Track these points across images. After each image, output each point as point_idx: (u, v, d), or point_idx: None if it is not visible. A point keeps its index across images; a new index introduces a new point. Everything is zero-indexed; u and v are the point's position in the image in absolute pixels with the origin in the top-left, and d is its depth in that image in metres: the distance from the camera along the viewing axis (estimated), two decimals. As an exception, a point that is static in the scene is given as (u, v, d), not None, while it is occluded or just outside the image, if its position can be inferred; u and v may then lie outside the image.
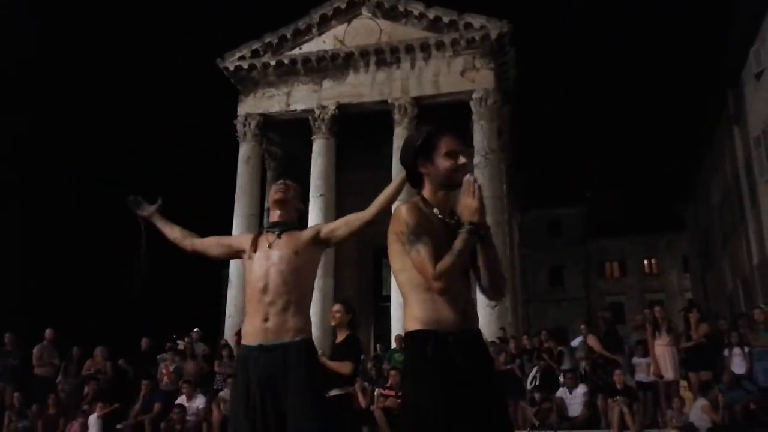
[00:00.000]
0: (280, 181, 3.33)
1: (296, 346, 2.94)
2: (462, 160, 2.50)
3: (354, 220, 3.18)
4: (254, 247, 3.08)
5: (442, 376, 2.19)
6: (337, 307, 5.74)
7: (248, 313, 3.01)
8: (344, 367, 5.69)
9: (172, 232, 3.28)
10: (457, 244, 2.31)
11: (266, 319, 2.93)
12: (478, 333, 2.41)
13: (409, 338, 2.32)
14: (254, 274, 3.00)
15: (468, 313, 2.36)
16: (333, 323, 5.71)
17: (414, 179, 2.57)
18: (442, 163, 2.48)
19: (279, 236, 3.09)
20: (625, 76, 61.11)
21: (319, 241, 3.14)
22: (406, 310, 2.35)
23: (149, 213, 3.35)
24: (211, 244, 3.26)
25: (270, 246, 3.07)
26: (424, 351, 2.23)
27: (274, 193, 3.25)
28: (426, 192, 2.54)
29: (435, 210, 2.48)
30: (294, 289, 2.99)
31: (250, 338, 2.97)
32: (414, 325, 2.30)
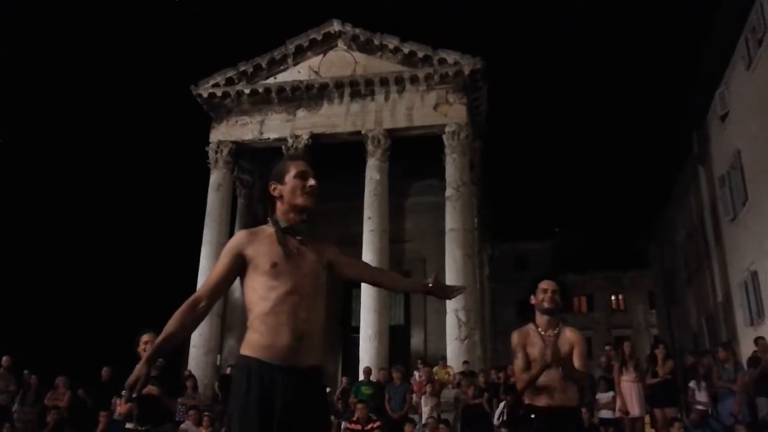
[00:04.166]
0: (315, 184, 2.68)
1: (321, 370, 2.65)
2: (549, 296, 4.00)
3: (369, 272, 2.99)
4: (281, 252, 2.57)
5: None
6: (148, 337, 5.18)
7: (270, 326, 2.48)
8: (173, 404, 5.43)
9: (181, 330, 2.53)
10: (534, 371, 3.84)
11: (300, 338, 2.50)
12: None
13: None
14: (283, 283, 2.52)
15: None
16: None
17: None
18: (539, 297, 4.02)
19: (302, 242, 2.65)
20: (594, 115, 62.35)
21: (329, 266, 2.76)
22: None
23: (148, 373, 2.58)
24: (220, 287, 2.63)
25: (297, 252, 2.61)
26: None
27: (304, 193, 2.67)
28: (536, 316, 4.05)
29: (539, 328, 3.99)
30: (322, 305, 2.64)
31: (273, 355, 2.47)
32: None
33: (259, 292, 2.54)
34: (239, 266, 2.61)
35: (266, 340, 2.49)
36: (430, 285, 2.88)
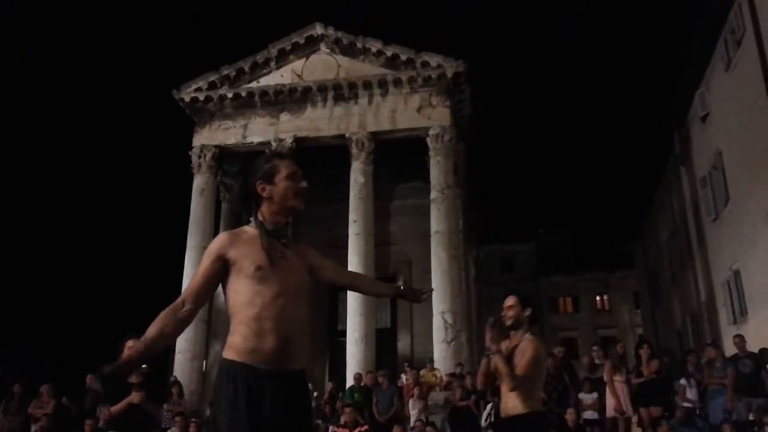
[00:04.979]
0: (306, 185, 2.67)
1: (305, 374, 2.56)
2: (503, 314, 4.27)
3: (346, 276, 3.03)
4: (265, 255, 2.50)
5: None
6: (133, 342, 5.07)
7: (256, 330, 2.42)
8: (157, 411, 5.45)
9: (162, 336, 2.43)
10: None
11: (287, 341, 2.43)
12: None
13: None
14: (269, 287, 2.45)
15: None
16: None
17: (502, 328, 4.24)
18: (517, 310, 4.26)
19: (286, 245, 2.60)
20: (576, 116, 62.75)
21: (310, 269, 2.71)
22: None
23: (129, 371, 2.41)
24: (204, 290, 2.55)
25: (282, 255, 2.55)
26: None
27: (296, 195, 2.63)
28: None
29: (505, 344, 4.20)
30: (307, 308, 2.59)
31: (259, 359, 2.41)
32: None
33: (243, 297, 2.47)
34: (222, 269, 2.53)
35: (252, 343, 2.42)
36: (401, 288, 2.94)
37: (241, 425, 2.35)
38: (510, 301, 4.31)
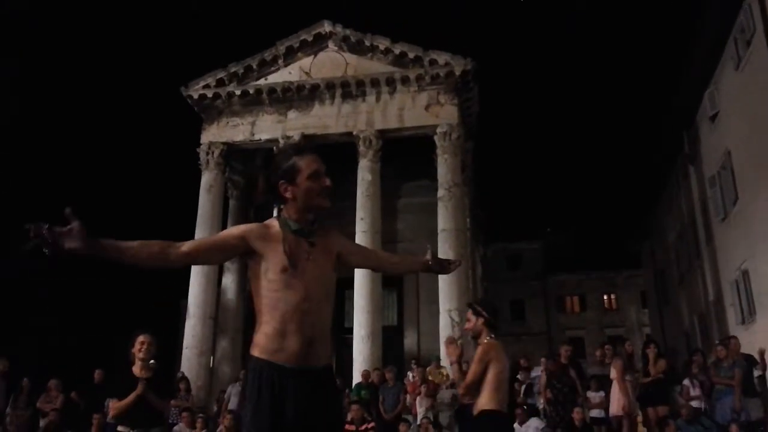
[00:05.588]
0: (330, 183, 2.65)
1: (330, 369, 2.60)
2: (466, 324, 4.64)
3: (373, 259, 3.04)
4: (289, 256, 2.46)
5: None
6: (144, 337, 5.22)
7: (280, 331, 2.43)
8: (164, 406, 5.48)
9: (140, 251, 2.31)
10: None
11: (311, 343, 2.46)
12: None
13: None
14: (294, 292, 2.44)
15: None
16: (141, 356, 5.20)
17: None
18: (472, 321, 4.50)
19: (312, 244, 2.55)
20: (584, 115, 62.54)
21: (337, 257, 2.68)
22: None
23: (80, 242, 2.17)
24: (206, 248, 2.50)
25: (308, 257, 2.51)
26: None
27: (320, 194, 2.61)
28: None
29: None
30: (331, 308, 2.59)
31: (284, 358, 2.42)
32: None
33: (269, 300, 2.46)
34: (240, 250, 2.50)
35: (275, 343, 2.44)
36: (429, 262, 2.97)
37: (264, 422, 2.38)
38: (467, 315, 4.55)
